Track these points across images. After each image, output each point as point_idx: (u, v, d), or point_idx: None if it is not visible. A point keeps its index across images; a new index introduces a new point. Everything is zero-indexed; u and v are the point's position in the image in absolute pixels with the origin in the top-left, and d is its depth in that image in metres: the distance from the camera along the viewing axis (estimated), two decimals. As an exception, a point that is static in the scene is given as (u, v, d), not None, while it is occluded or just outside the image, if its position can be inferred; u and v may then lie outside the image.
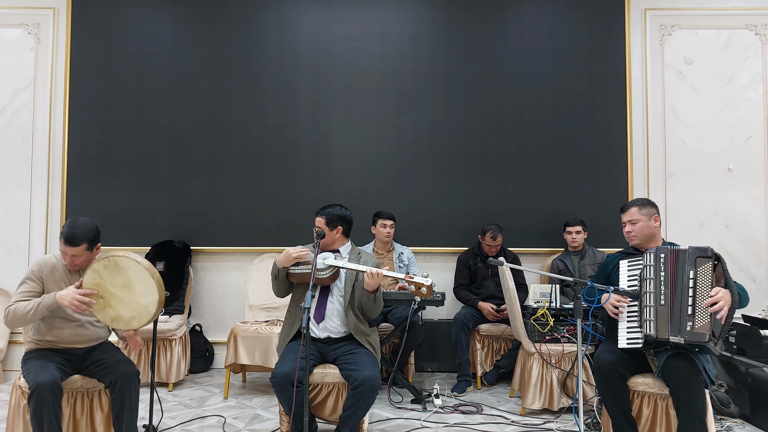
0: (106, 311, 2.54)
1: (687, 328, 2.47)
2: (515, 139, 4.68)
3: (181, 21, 4.70)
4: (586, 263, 4.22)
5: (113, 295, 2.52)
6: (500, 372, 4.13)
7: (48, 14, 4.70)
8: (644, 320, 2.57)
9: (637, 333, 2.61)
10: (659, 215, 2.85)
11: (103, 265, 2.52)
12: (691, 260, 2.54)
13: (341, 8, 4.71)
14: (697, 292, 2.50)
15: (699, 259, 2.53)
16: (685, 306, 2.50)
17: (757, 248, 4.63)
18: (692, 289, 2.51)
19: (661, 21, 4.74)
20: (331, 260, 2.83)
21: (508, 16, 4.71)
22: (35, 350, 2.66)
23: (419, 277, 2.73)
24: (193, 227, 4.63)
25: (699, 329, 2.46)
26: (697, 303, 2.49)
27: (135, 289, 2.52)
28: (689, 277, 2.52)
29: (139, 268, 2.52)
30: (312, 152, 4.68)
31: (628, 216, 2.86)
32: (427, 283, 2.70)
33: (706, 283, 2.50)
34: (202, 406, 3.66)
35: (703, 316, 2.46)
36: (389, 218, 4.22)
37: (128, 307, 2.53)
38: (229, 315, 4.68)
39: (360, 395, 2.62)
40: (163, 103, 4.68)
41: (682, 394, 2.50)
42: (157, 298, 2.53)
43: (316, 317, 2.89)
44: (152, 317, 2.55)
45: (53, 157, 4.66)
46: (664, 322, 2.52)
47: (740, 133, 4.67)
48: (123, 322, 2.55)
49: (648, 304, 2.57)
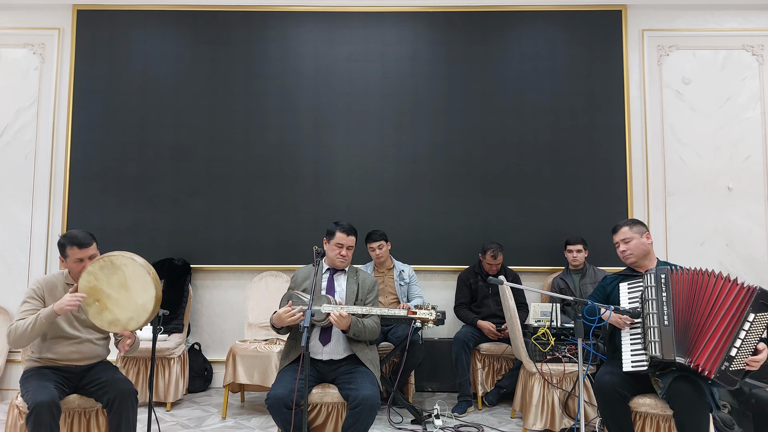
0: (102, 315, 2.52)
1: (722, 368, 2.40)
2: (515, 158, 4.70)
3: (184, 41, 4.76)
4: (587, 282, 4.21)
5: (110, 297, 2.50)
6: (501, 392, 4.09)
7: (53, 35, 4.77)
8: (648, 342, 2.53)
9: (641, 355, 2.57)
10: (649, 233, 2.86)
11: (99, 266, 2.51)
12: (756, 302, 2.44)
13: (342, 29, 4.78)
14: (747, 336, 2.42)
15: (763, 305, 2.44)
16: (729, 346, 2.42)
17: (758, 267, 4.62)
18: (745, 332, 2.42)
19: (658, 42, 4.79)
20: (327, 308, 2.75)
21: (507, 37, 4.77)
22: (34, 369, 2.65)
23: (423, 311, 2.69)
24: (193, 245, 4.63)
25: (733, 373, 2.40)
26: (743, 348, 2.41)
27: (132, 288, 2.51)
28: (746, 319, 2.43)
29: (135, 265, 2.51)
30: (313, 171, 4.70)
31: (620, 236, 2.85)
32: (432, 317, 2.67)
33: (758, 331, 2.42)
34: (200, 426, 3.62)
35: (741, 363, 2.41)
36: (376, 240, 4.16)
37: (125, 308, 2.51)
38: (228, 333, 4.66)
39: (359, 415, 2.60)
40: (165, 122, 4.71)
41: (687, 419, 2.45)
42: (153, 294, 2.51)
43: (323, 339, 2.88)
44: (150, 316, 2.52)
45: (55, 175, 4.69)
46: (669, 343, 2.48)
47: (739, 152, 4.69)
48: (120, 324, 2.53)
49: (651, 325, 2.54)
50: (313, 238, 4.59)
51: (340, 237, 2.96)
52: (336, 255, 2.97)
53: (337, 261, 2.98)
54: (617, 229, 2.89)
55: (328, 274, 3.04)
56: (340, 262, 2.98)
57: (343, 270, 3.05)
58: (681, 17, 4.81)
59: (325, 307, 2.76)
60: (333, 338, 2.88)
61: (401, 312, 2.76)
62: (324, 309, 2.75)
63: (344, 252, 2.97)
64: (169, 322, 4.19)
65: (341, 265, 3.00)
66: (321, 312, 2.76)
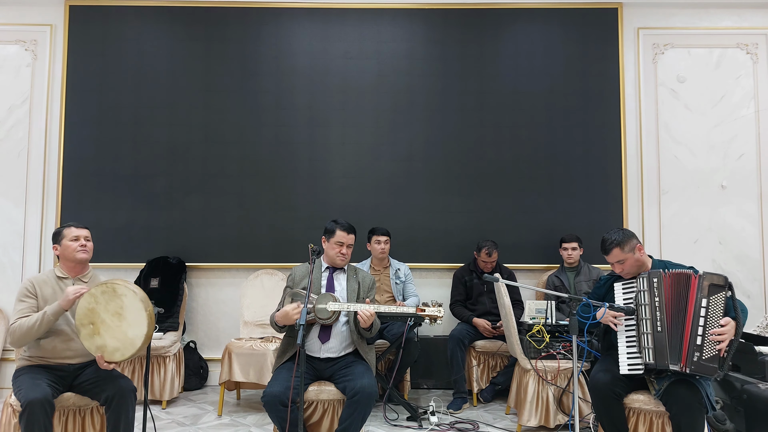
0: (93, 339, 2.54)
1: (694, 359, 2.41)
2: (510, 156, 4.71)
3: (178, 38, 4.73)
4: (582, 279, 4.23)
5: (104, 322, 2.53)
6: (496, 389, 4.11)
7: (45, 31, 4.73)
8: (643, 347, 2.54)
9: (637, 359, 2.58)
10: (640, 243, 2.77)
11: (101, 291, 2.54)
12: (703, 288, 2.46)
13: (338, 26, 4.76)
14: (707, 322, 2.43)
15: (712, 287, 2.45)
16: (694, 336, 2.44)
17: (751, 264, 4.65)
18: (703, 318, 2.43)
19: (653, 40, 4.81)
20: (333, 306, 2.78)
21: (503, 35, 4.77)
22: (26, 367, 2.64)
23: (432, 309, 2.75)
24: (188, 243, 4.62)
25: (707, 361, 2.40)
26: (707, 334, 2.42)
27: (126, 318, 2.53)
28: (701, 306, 2.44)
29: (135, 299, 2.53)
30: (308, 168, 4.69)
31: (614, 258, 2.74)
32: (440, 314, 2.76)
33: (717, 314, 2.43)
34: (196, 424, 3.62)
35: (712, 348, 2.41)
36: (384, 234, 4.22)
37: (115, 337, 2.53)
38: (224, 331, 4.65)
39: (357, 404, 2.61)
40: (159, 120, 4.69)
41: (684, 422, 2.47)
42: (145, 332, 2.53)
43: (322, 337, 2.88)
44: (136, 352, 2.54)
45: (48, 173, 4.66)
46: (662, 350, 2.49)
47: (733, 151, 4.72)
48: (107, 352, 2.54)
49: (645, 330, 2.55)
50: (308, 235, 4.59)
51: (340, 235, 2.97)
52: (336, 253, 2.97)
53: (338, 259, 2.99)
54: (609, 251, 2.74)
55: (328, 273, 3.04)
56: (341, 260, 2.99)
57: (342, 268, 3.06)
58: (676, 15, 4.83)
59: (331, 305, 2.77)
60: (332, 336, 2.88)
61: (410, 310, 2.84)
62: (330, 307, 2.77)
63: (344, 250, 2.98)
64: (164, 320, 4.18)
65: (341, 263, 3.01)
66: (327, 310, 2.76)
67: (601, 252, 2.82)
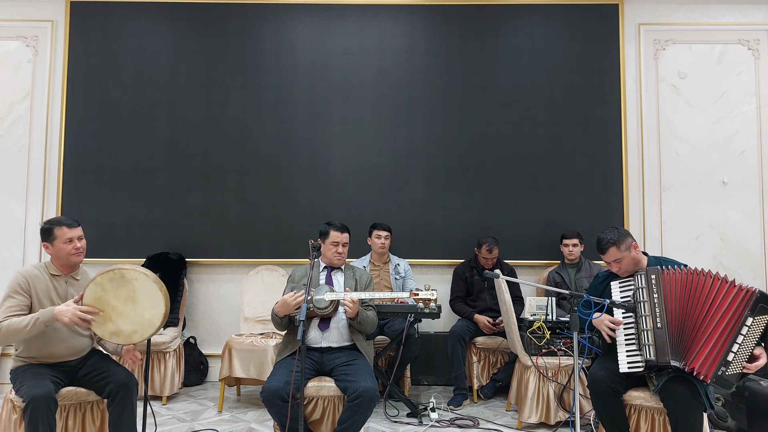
0: (105, 325, 2.50)
1: (719, 373, 2.37)
2: (511, 152, 4.70)
3: (178, 34, 4.73)
4: (583, 276, 4.22)
5: (115, 309, 2.49)
6: (497, 385, 4.11)
7: (46, 27, 4.73)
8: (642, 344, 2.52)
9: (637, 356, 2.56)
10: (635, 241, 2.75)
11: (108, 278, 2.49)
12: (754, 305, 2.38)
13: (338, 22, 4.75)
14: (745, 341, 2.38)
15: (762, 308, 2.37)
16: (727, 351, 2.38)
17: (752, 261, 4.64)
18: (743, 336, 2.37)
19: (655, 36, 4.79)
20: (330, 296, 2.84)
21: (503, 31, 4.76)
22: (26, 365, 2.61)
23: (425, 292, 2.82)
24: (188, 239, 4.62)
25: (729, 377, 2.37)
26: (740, 352, 2.37)
27: (140, 302, 2.50)
28: (744, 323, 2.38)
29: (147, 281, 2.51)
30: (308, 164, 4.69)
31: (610, 257, 2.72)
32: (434, 296, 2.82)
33: (755, 335, 2.38)
34: (196, 419, 3.62)
35: (738, 367, 2.37)
36: (385, 229, 4.22)
37: (130, 321, 2.50)
38: (224, 327, 4.65)
39: (358, 407, 2.60)
40: (160, 116, 4.69)
41: (681, 419, 2.45)
42: (163, 311, 2.51)
43: (322, 326, 2.91)
44: (155, 330, 2.52)
45: (49, 168, 4.66)
46: (663, 347, 2.47)
47: (734, 147, 4.70)
48: (123, 336, 2.51)
49: (645, 328, 2.53)
50: (308, 231, 4.59)
51: (334, 235, 3.08)
52: (333, 253, 3.08)
53: (335, 259, 3.09)
54: (605, 250, 2.72)
55: (326, 272, 3.12)
56: (338, 260, 3.09)
57: (339, 267, 3.14)
58: (677, 11, 4.81)
59: (328, 294, 2.83)
60: (332, 326, 2.91)
61: (404, 294, 2.99)
62: (327, 297, 2.83)
63: (340, 249, 3.09)
64: (164, 316, 4.18)
65: (338, 263, 3.11)
66: (324, 300, 2.81)
67: (597, 252, 2.81)
